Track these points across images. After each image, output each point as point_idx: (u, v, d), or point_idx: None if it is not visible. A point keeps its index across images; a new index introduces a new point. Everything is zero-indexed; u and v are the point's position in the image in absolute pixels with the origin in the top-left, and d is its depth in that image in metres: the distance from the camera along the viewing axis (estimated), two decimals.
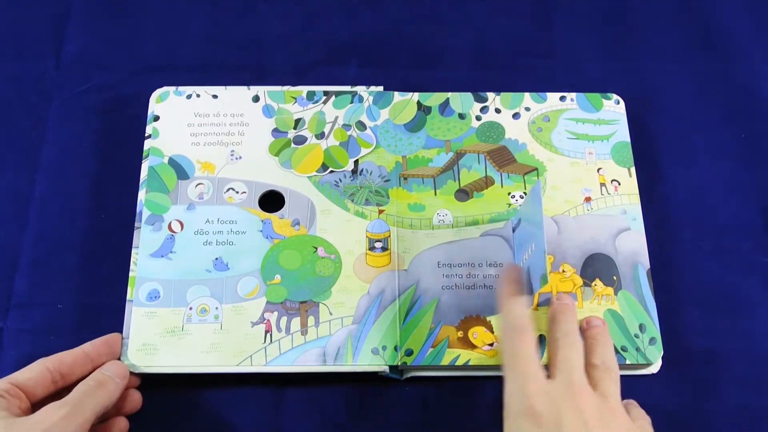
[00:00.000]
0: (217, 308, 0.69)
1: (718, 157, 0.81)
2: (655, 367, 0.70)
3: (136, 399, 0.66)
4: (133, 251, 0.71)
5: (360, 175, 0.75)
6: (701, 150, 0.81)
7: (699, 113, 0.83)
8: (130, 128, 0.78)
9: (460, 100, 0.79)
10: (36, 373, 0.61)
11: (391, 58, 0.85)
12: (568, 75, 0.84)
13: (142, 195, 0.73)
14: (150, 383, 0.67)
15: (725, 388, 0.71)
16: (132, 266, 0.70)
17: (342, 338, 0.69)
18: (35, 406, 0.60)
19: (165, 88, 0.78)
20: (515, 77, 0.84)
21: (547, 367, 0.60)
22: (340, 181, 0.75)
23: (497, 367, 0.68)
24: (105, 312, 0.70)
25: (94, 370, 0.64)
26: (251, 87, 0.79)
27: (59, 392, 0.62)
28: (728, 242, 0.76)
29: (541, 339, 0.68)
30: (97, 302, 0.72)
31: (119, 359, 0.66)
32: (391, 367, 0.68)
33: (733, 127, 0.82)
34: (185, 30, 0.86)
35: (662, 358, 0.70)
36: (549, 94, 0.80)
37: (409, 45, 0.86)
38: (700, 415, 0.70)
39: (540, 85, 0.82)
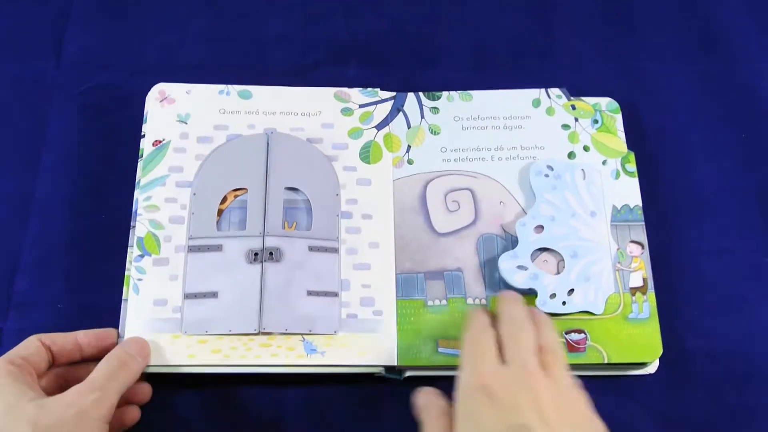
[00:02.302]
0: None
1: (718, 157, 0.81)
2: (652, 368, 0.70)
3: (145, 389, 0.66)
4: (129, 251, 0.71)
5: None
6: (701, 150, 0.81)
7: (699, 113, 0.83)
8: (130, 128, 0.78)
9: None
10: (35, 349, 0.61)
11: (391, 58, 0.85)
12: (568, 75, 0.84)
13: (137, 194, 0.73)
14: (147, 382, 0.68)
15: (724, 388, 0.71)
16: (128, 265, 0.70)
17: None
18: None
19: (161, 85, 0.78)
20: (515, 77, 0.84)
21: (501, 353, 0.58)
22: None
23: None
24: (105, 312, 0.70)
25: (81, 359, 0.65)
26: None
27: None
28: (728, 242, 0.76)
29: None
30: (97, 302, 0.72)
31: None
32: (388, 367, 0.69)
33: (733, 127, 0.82)
34: (185, 30, 0.86)
35: (661, 358, 0.70)
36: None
37: (409, 45, 0.86)
38: (698, 416, 0.70)
39: (539, 85, 0.81)
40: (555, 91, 0.79)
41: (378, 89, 0.79)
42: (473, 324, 0.61)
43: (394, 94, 0.79)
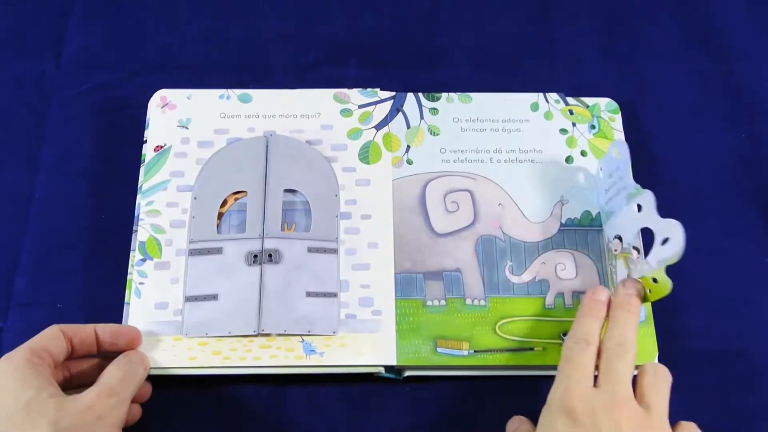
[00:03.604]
0: None
1: (718, 157, 0.81)
2: None
3: (146, 388, 0.66)
4: (131, 255, 0.71)
5: None
6: (701, 150, 0.81)
7: (699, 113, 0.83)
8: (129, 128, 0.78)
9: None
10: (57, 340, 0.61)
11: (391, 58, 0.85)
12: (568, 75, 0.84)
13: (139, 199, 0.74)
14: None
15: (724, 388, 0.71)
16: (129, 269, 0.71)
17: None
18: None
19: (163, 91, 0.78)
20: (515, 77, 0.84)
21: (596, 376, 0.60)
22: None
23: (497, 367, 0.69)
24: (105, 312, 0.70)
25: (96, 352, 0.65)
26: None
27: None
28: (728, 242, 0.76)
29: None
30: (97, 302, 0.72)
31: None
32: (387, 367, 0.69)
33: (733, 127, 0.82)
34: (185, 30, 0.86)
35: (660, 358, 0.70)
36: None
37: (409, 45, 0.86)
38: (698, 416, 0.69)
39: (539, 85, 0.81)
40: (553, 96, 0.79)
41: (377, 89, 0.79)
42: (580, 347, 0.61)
43: (393, 94, 0.79)
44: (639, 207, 0.68)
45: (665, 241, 0.65)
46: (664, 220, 0.65)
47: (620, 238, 0.71)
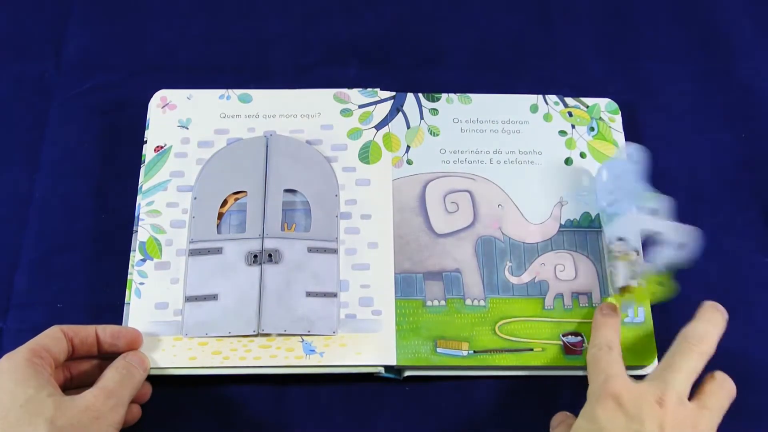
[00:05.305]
0: None
1: (718, 157, 0.81)
2: (652, 368, 0.70)
3: (146, 389, 0.66)
4: (131, 255, 0.71)
5: None
6: (701, 150, 0.81)
7: (699, 113, 0.83)
8: (129, 128, 0.78)
9: None
10: (58, 341, 0.61)
11: (391, 58, 0.85)
12: (568, 75, 0.84)
13: (139, 199, 0.74)
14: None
15: None
16: (129, 269, 0.71)
17: None
18: None
19: (163, 91, 0.78)
20: (515, 77, 0.84)
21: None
22: None
23: (496, 367, 0.69)
24: (105, 312, 0.71)
25: (96, 353, 0.65)
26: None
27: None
28: (728, 242, 0.76)
29: None
30: (97, 302, 0.72)
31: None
32: (387, 367, 0.69)
33: (733, 127, 0.82)
34: (185, 30, 0.86)
35: (660, 358, 0.69)
36: None
37: (409, 45, 0.86)
38: None
39: (540, 85, 0.81)
40: (552, 98, 0.79)
41: (377, 89, 0.79)
42: (605, 351, 0.64)
43: (393, 94, 0.79)
44: (651, 210, 0.71)
45: (676, 245, 0.68)
46: (680, 225, 0.69)
47: (623, 240, 0.71)
